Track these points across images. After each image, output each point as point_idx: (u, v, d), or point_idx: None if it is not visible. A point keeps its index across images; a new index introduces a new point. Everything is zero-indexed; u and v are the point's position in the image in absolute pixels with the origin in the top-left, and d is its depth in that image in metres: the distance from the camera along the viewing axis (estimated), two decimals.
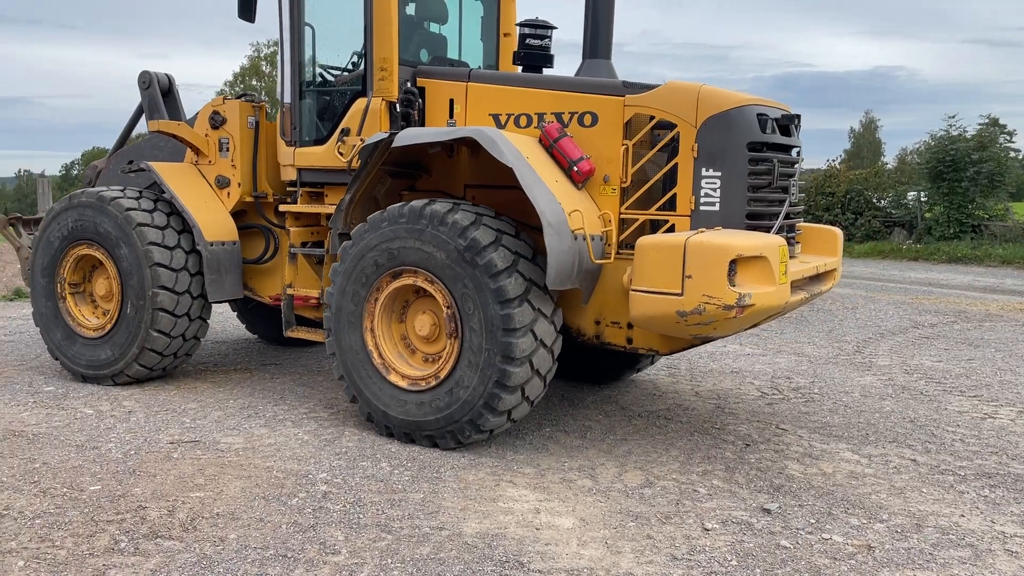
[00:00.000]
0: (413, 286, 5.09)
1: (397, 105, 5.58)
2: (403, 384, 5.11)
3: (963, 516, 4.24)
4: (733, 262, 4.24)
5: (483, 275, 4.69)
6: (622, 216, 5.00)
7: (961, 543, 3.90)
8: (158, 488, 4.29)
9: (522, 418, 5.13)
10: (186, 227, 6.32)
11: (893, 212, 23.93)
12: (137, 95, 7.27)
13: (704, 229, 4.51)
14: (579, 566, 3.56)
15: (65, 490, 4.25)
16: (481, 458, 4.91)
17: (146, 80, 7.29)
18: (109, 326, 6.36)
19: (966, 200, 21.85)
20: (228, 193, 6.49)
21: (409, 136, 5.13)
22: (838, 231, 5.87)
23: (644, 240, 4.55)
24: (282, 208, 6.20)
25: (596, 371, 6.75)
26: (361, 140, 5.53)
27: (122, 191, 6.38)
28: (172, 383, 6.58)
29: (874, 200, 24.20)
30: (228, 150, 6.48)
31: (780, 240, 4.52)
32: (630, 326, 5.00)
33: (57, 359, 6.67)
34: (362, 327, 5.20)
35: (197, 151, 6.60)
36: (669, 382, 7.05)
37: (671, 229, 4.80)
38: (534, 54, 5.78)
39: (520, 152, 4.79)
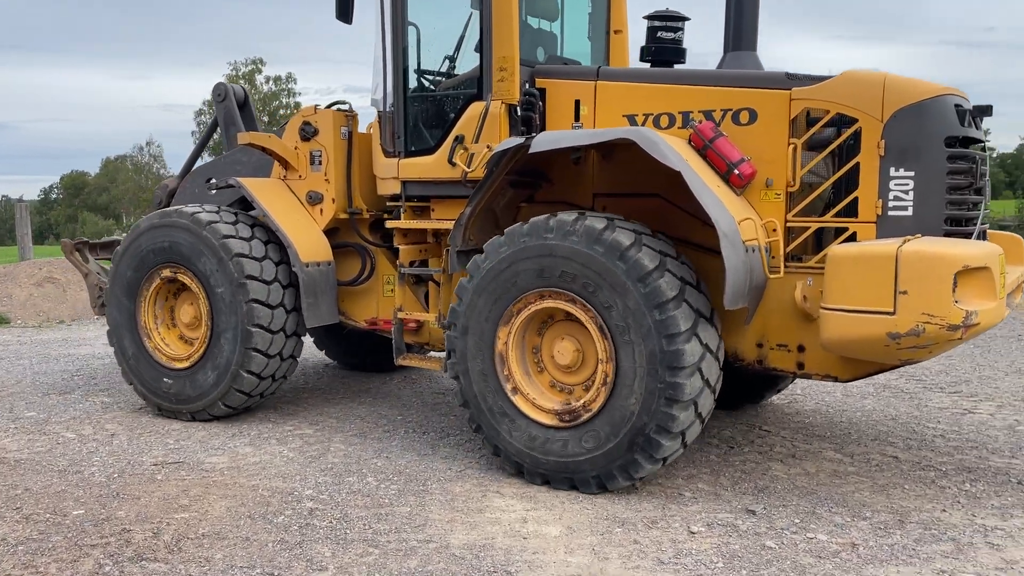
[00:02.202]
0: (557, 310, 4.56)
1: (518, 108, 5.10)
2: (546, 420, 4.55)
3: (944, 511, 4.29)
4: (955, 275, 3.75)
5: (640, 289, 4.17)
6: (788, 224, 4.48)
7: (943, 537, 3.94)
8: (142, 511, 4.27)
9: (693, 440, 4.70)
10: (283, 256, 5.89)
11: None
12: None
13: (910, 237, 4.02)
14: (567, 573, 3.57)
15: (48, 515, 4.22)
16: (468, 469, 4.92)
17: (221, 92, 7.01)
18: (196, 357, 5.90)
19: None
20: (321, 210, 6.05)
21: (550, 140, 4.54)
22: (1020, 238, 5.30)
23: (840, 251, 4.03)
24: (389, 224, 5.66)
25: (741, 394, 6.16)
26: (488, 147, 5.00)
27: (218, 213, 5.90)
28: None
29: None
30: (321, 163, 6.01)
31: (999, 248, 4.08)
32: (801, 349, 4.50)
33: (142, 394, 6.19)
34: (494, 353, 4.67)
35: (286, 165, 6.14)
36: None
37: (852, 238, 4.33)
38: (666, 48, 5.29)
39: (681, 155, 4.27)
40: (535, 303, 4.55)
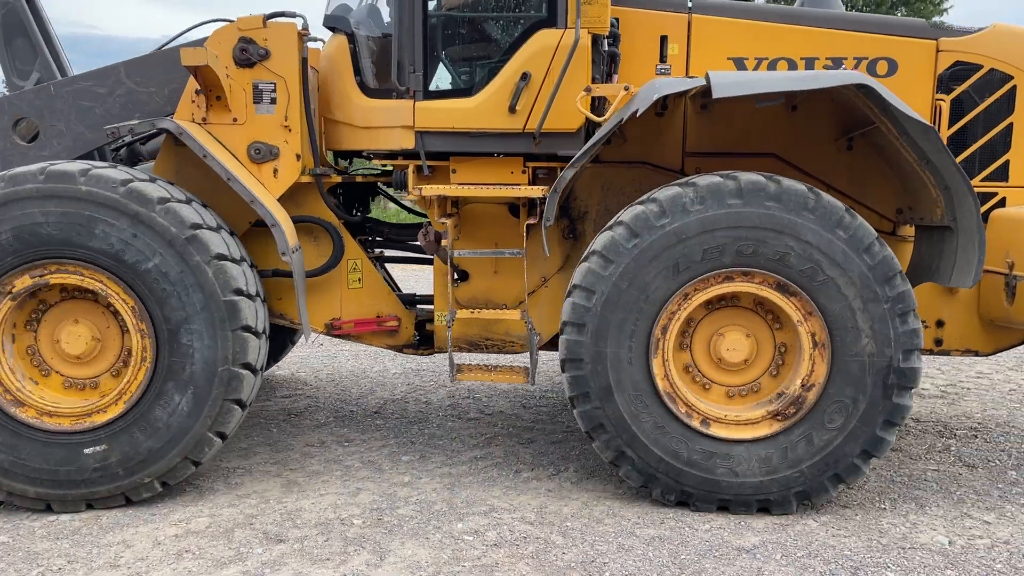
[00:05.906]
0: (746, 294, 3.82)
1: (604, 41, 4.17)
2: (730, 434, 3.79)
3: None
4: None
5: (878, 281, 3.64)
6: None
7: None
8: None
9: None
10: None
11: None
12: None
13: None
14: None
15: None
16: None
17: None
18: (113, 413, 3.91)
19: None
20: (275, 170, 4.37)
21: (739, 83, 3.61)
22: None
23: None
24: (429, 191, 4.20)
25: None
26: (626, 89, 3.98)
27: (152, 180, 3.98)
28: None
29: None
30: (275, 102, 4.35)
31: None
32: (939, 324, 4.30)
33: None
34: (648, 356, 3.75)
35: (209, 103, 4.32)
36: None
37: (1001, 203, 4.19)
38: None
39: None
40: (716, 286, 3.76)
